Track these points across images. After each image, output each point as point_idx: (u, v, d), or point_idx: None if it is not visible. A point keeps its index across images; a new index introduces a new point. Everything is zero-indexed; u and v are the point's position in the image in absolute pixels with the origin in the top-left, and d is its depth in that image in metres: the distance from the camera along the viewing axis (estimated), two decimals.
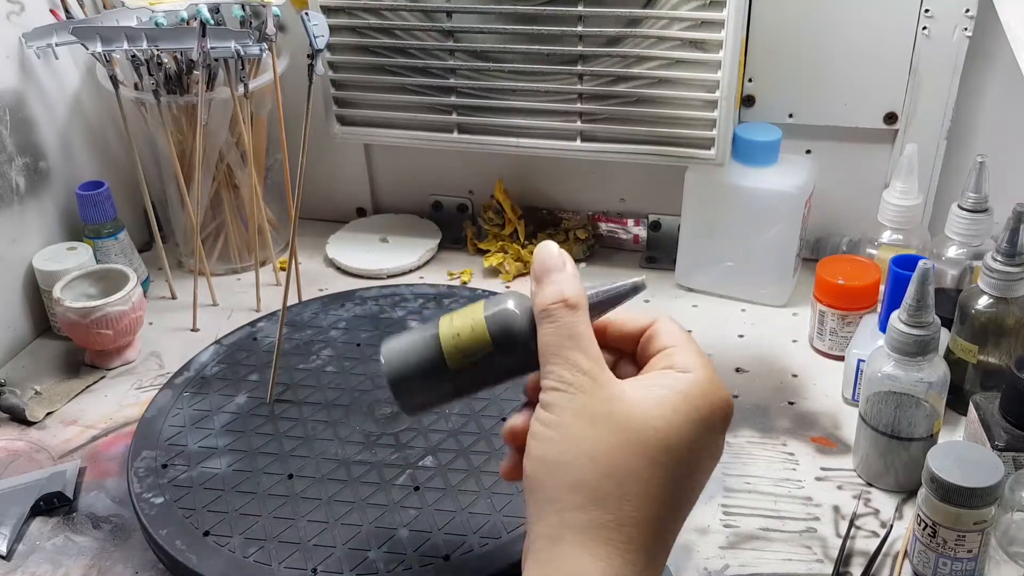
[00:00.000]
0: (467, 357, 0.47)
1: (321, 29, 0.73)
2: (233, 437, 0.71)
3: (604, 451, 0.42)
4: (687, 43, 0.82)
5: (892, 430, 0.66)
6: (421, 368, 0.48)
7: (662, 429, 0.43)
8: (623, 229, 1.01)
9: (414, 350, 0.48)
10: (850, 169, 0.91)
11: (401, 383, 0.48)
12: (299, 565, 0.60)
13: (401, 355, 0.48)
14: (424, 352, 0.48)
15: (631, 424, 0.43)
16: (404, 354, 0.48)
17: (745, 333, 0.87)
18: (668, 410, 0.43)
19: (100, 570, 0.64)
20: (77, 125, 0.94)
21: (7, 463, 0.74)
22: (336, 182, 1.06)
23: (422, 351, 0.48)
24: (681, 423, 0.43)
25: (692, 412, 0.44)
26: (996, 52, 0.83)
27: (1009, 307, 0.70)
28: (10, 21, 0.85)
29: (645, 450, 0.43)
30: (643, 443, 0.43)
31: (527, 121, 0.89)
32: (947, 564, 0.59)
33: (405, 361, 0.48)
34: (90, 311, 0.81)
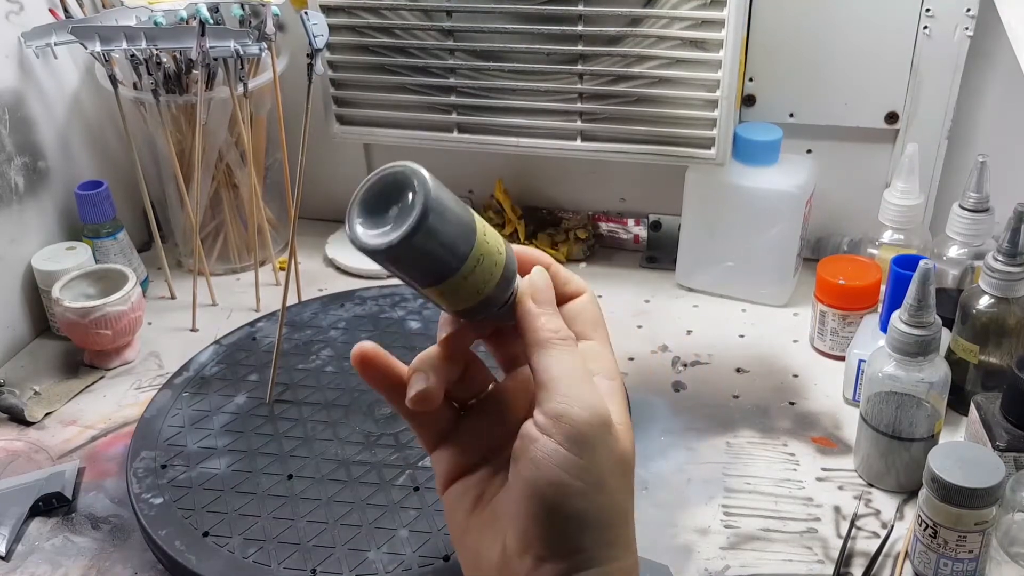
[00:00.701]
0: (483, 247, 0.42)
1: (320, 28, 0.72)
2: (232, 437, 0.71)
3: (626, 500, 0.43)
4: (687, 42, 0.82)
5: (893, 430, 0.66)
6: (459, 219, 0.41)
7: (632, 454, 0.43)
8: (623, 229, 1.01)
9: (456, 201, 0.41)
10: (851, 169, 0.91)
11: (434, 217, 0.39)
12: (298, 565, 0.60)
13: (445, 192, 0.40)
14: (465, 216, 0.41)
15: (630, 464, 0.43)
16: (448, 193, 0.41)
17: (746, 333, 0.87)
18: (629, 431, 0.43)
19: (99, 570, 0.64)
20: (76, 125, 0.94)
21: (6, 463, 0.74)
22: (336, 182, 1.06)
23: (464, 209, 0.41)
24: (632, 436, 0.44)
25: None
26: (997, 52, 0.83)
27: (1010, 307, 0.70)
28: (9, 21, 0.85)
29: (630, 480, 0.43)
30: (630, 474, 0.43)
31: (527, 121, 0.89)
32: (948, 565, 0.59)
33: (448, 197, 0.40)
34: (89, 311, 0.81)
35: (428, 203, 0.39)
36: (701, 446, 0.73)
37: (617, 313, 0.89)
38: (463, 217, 0.41)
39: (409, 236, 0.39)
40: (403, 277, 0.42)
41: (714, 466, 0.71)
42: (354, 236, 0.40)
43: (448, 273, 0.41)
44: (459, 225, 0.41)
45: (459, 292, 0.43)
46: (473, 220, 0.42)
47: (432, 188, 0.39)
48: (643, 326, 0.88)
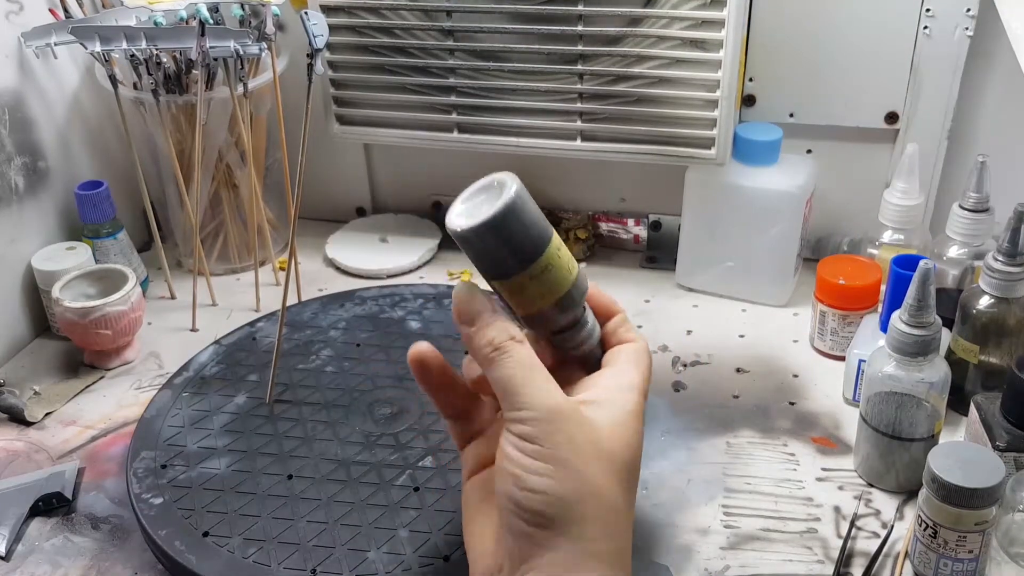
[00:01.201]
0: (553, 261, 0.48)
1: (320, 28, 0.72)
2: (232, 437, 0.71)
3: (604, 484, 0.46)
4: (687, 42, 0.82)
5: (893, 430, 0.66)
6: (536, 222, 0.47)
7: (631, 453, 0.47)
8: (623, 229, 1.01)
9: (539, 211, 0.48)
10: (851, 169, 0.91)
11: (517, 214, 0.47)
12: (298, 566, 0.60)
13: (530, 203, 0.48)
14: (544, 221, 0.48)
15: (615, 455, 0.47)
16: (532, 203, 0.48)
17: (746, 333, 0.87)
18: (630, 433, 0.48)
19: (99, 571, 0.64)
20: (76, 125, 0.94)
21: (6, 463, 0.74)
22: (336, 182, 1.06)
23: (543, 218, 0.48)
24: (638, 442, 0.48)
25: (640, 428, 0.48)
26: (997, 52, 0.83)
27: (1010, 307, 0.70)
28: (9, 21, 0.85)
29: (622, 475, 0.47)
30: (622, 470, 0.47)
31: (527, 121, 0.89)
32: (948, 565, 0.59)
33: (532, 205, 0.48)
34: (89, 311, 0.81)
35: (508, 204, 0.46)
36: (701, 446, 0.73)
37: None
38: (539, 226, 0.47)
39: (483, 226, 0.46)
40: (477, 264, 0.48)
41: (714, 466, 0.71)
42: (447, 220, 0.48)
43: (511, 271, 0.47)
44: (532, 229, 0.47)
45: (522, 294, 0.48)
46: (550, 234, 0.48)
47: (516, 194, 0.46)
48: (643, 326, 0.88)
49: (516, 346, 0.47)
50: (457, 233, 0.47)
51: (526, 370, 0.46)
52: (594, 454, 0.46)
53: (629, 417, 0.48)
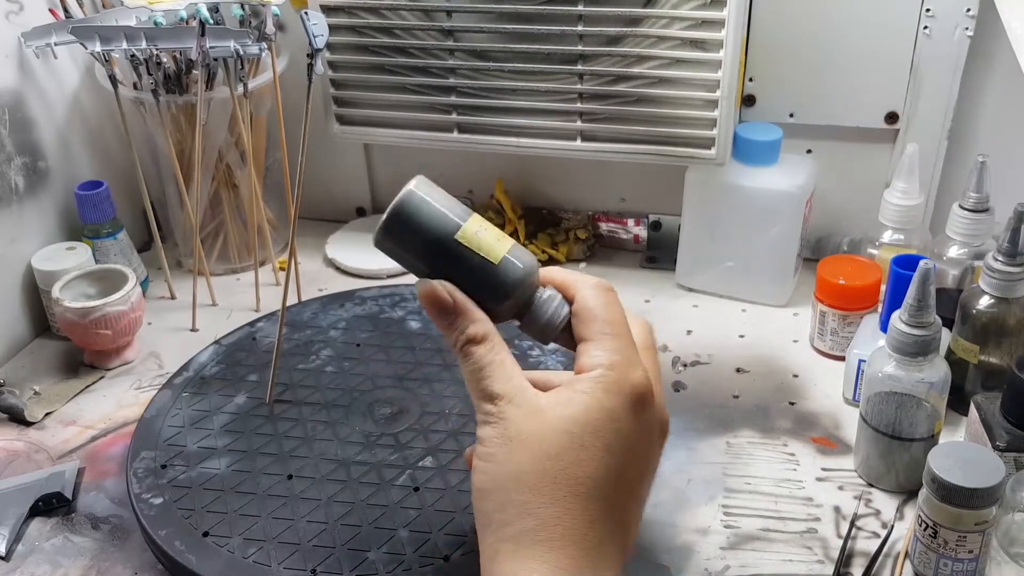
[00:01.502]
0: (470, 250, 0.51)
1: (320, 28, 0.72)
2: (232, 437, 0.71)
3: (528, 467, 0.47)
4: (687, 42, 0.82)
5: (893, 430, 0.66)
6: (436, 216, 0.51)
7: (575, 431, 0.47)
8: (623, 229, 1.01)
9: (442, 204, 0.52)
10: (851, 169, 0.91)
11: (411, 212, 0.51)
12: (298, 566, 0.60)
13: (430, 196, 0.52)
14: (448, 212, 0.52)
15: (546, 435, 0.47)
16: (432, 197, 0.52)
17: (746, 333, 0.87)
18: (579, 411, 0.48)
19: (99, 571, 0.64)
20: (76, 125, 0.94)
21: (6, 463, 0.74)
22: (336, 182, 1.06)
23: (447, 209, 0.52)
24: (592, 420, 0.48)
25: (602, 408, 0.48)
26: (997, 52, 0.83)
27: (1010, 307, 0.70)
28: (9, 21, 0.85)
29: (561, 453, 0.47)
30: (559, 448, 0.47)
31: (527, 121, 0.89)
32: (948, 565, 0.59)
33: (430, 199, 0.52)
34: (89, 311, 0.81)
35: (395, 206, 0.51)
36: (701, 446, 0.73)
37: None
38: (437, 224, 0.51)
39: (380, 231, 0.51)
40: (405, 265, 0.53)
41: (714, 466, 0.71)
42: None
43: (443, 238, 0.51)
44: (428, 227, 0.51)
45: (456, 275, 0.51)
46: (450, 229, 0.51)
47: (403, 196, 0.51)
48: None
49: (471, 348, 0.50)
50: (375, 242, 0.52)
51: (475, 372, 0.50)
52: (525, 440, 0.48)
53: (582, 396, 0.48)
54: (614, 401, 0.48)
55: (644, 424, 0.50)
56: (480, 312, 0.51)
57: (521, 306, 0.53)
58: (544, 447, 0.47)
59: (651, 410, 0.50)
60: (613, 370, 0.49)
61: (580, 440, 0.47)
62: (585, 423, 0.48)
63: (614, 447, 0.48)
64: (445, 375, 0.76)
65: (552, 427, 0.48)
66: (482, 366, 0.50)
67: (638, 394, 0.49)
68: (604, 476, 0.47)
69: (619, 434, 0.48)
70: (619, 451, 0.48)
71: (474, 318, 0.51)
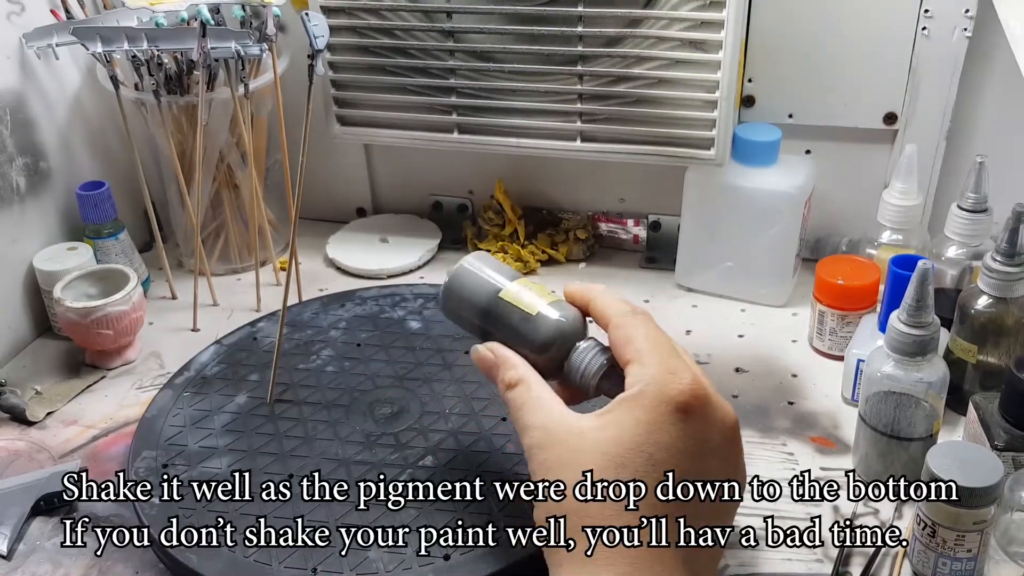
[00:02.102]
0: (511, 305, 0.58)
1: (321, 29, 0.73)
2: (233, 437, 0.71)
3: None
4: (687, 43, 0.82)
5: (891, 430, 0.66)
6: (481, 280, 0.60)
7: (612, 451, 0.48)
8: (623, 229, 1.01)
9: (491, 270, 0.60)
10: (850, 169, 0.92)
11: (464, 278, 0.60)
12: (299, 565, 0.60)
13: (481, 265, 0.60)
14: (495, 277, 0.60)
15: (583, 458, 0.49)
16: (483, 266, 0.60)
17: (745, 333, 0.87)
18: (616, 432, 0.49)
19: (100, 570, 0.64)
20: (77, 125, 0.94)
21: (7, 463, 0.74)
22: (336, 182, 1.06)
23: (494, 274, 0.60)
24: (629, 438, 0.49)
25: (639, 423, 0.49)
26: (996, 52, 0.83)
27: (1008, 307, 0.70)
28: (10, 21, 0.85)
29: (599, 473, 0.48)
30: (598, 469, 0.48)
31: (527, 121, 0.89)
32: (947, 564, 0.59)
33: (480, 268, 0.60)
34: (90, 311, 0.81)
35: (450, 280, 0.60)
36: None
37: None
38: (483, 287, 0.59)
39: (440, 300, 0.61)
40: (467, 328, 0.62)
41: None
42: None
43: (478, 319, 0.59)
44: (476, 291, 0.59)
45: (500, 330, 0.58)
46: (496, 287, 0.59)
47: (455, 270, 0.60)
48: None
49: (509, 395, 0.55)
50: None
51: (516, 412, 0.54)
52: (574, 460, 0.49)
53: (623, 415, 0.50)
54: (652, 415, 0.49)
55: (692, 429, 0.49)
56: (518, 358, 0.56)
57: (562, 358, 0.57)
58: (583, 469, 0.48)
59: (702, 414, 0.50)
60: (652, 384, 0.50)
61: (619, 459, 0.48)
62: (622, 442, 0.48)
63: (658, 459, 0.48)
64: (445, 375, 0.77)
65: (590, 448, 0.49)
66: (519, 405, 0.53)
67: (681, 402, 0.49)
68: (662, 486, 0.48)
69: (662, 445, 0.48)
70: (665, 461, 0.48)
71: (511, 365, 0.55)
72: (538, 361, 0.56)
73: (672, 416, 0.49)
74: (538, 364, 0.56)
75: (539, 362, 0.56)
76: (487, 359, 0.57)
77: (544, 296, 0.58)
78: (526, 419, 0.52)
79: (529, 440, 0.51)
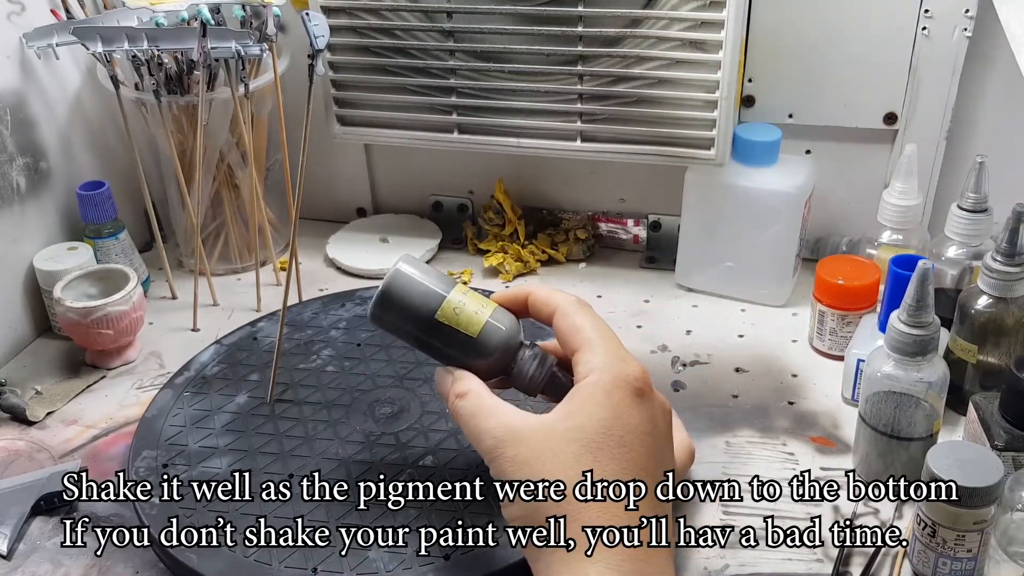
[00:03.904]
0: (450, 326, 0.58)
1: (321, 29, 0.73)
2: (233, 437, 0.71)
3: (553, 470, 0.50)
4: (687, 43, 0.82)
5: (892, 430, 0.66)
6: (416, 298, 0.58)
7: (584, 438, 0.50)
8: (623, 229, 1.01)
9: (422, 286, 0.58)
10: (850, 169, 0.92)
11: (394, 298, 0.58)
12: (300, 564, 0.60)
13: (411, 280, 0.58)
14: (428, 294, 0.58)
15: (558, 449, 0.50)
16: (413, 282, 0.58)
17: (745, 333, 0.87)
18: (585, 419, 0.50)
19: (101, 569, 0.64)
20: (78, 125, 0.94)
21: (7, 463, 0.74)
22: (336, 182, 1.06)
23: (427, 291, 0.58)
24: (599, 422, 0.50)
25: (605, 408, 0.51)
26: (996, 52, 0.83)
27: (1008, 307, 0.70)
28: (11, 21, 0.85)
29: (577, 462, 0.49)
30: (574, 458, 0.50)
31: (527, 121, 0.89)
32: (947, 564, 0.59)
33: (410, 285, 0.58)
34: (90, 311, 0.81)
35: (386, 289, 0.58)
36: (700, 445, 0.73)
37: (616, 313, 0.90)
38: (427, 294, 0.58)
39: (377, 306, 0.59)
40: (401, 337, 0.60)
41: (714, 465, 0.71)
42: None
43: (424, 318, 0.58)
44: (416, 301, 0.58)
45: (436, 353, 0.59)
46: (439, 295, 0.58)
47: (392, 277, 0.58)
48: (643, 326, 0.88)
49: (457, 403, 0.55)
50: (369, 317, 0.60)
51: (467, 420, 0.54)
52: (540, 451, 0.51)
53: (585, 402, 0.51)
54: (615, 398, 0.50)
55: (649, 412, 0.52)
56: (464, 372, 0.57)
57: (502, 365, 0.59)
58: (561, 460, 0.49)
59: (651, 399, 0.52)
60: (607, 370, 0.51)
61: (594, 444, 0.49)
62: (593, 428, 0.50)
63: (627, 441, 0.50)
64: None
65: (563, 439, 0.50)
66: (472, 412, 0.54)
67: (636, 387, 0.51)
68: (624, 471, 0.49)
69: (629, 428, 0.50)
70: (633, 443, 0.50)
71: (457, 377, 0.57)
72: (479, 368, 0.58)
73: (631, 399, 0.51)
74: (479, 371, 0.58)
75: (480, 369, 0.58)
76: (443, 381, 0.58)
77: (482, 309, 0.58)
78: (482, 424, 0.53)
79: (491, 441, 0.52)
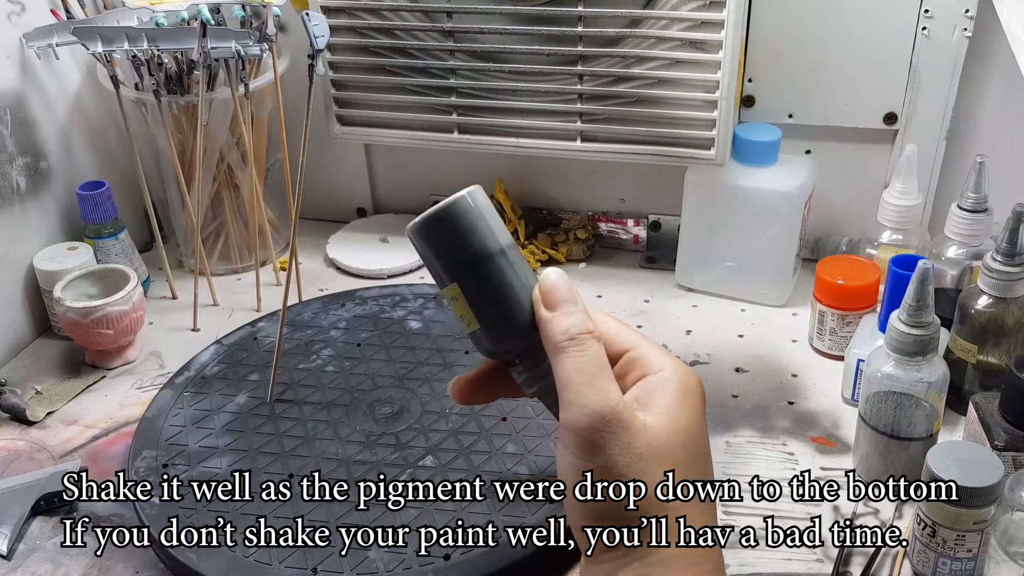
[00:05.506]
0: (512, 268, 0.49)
1: (321, 29, 0.73)
2: (233, 437, 0.71)
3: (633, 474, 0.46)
4: (687, 43, 0.82)
5: (892, 430, 0.66)
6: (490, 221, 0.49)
7: (687, 445, 0.47)
8: (623, 229, 1.01)
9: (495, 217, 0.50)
10: (850, 169, 0.92)
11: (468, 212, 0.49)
12: (299, 564, 0.60)
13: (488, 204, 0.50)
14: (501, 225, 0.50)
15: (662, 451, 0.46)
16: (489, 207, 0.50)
17: (745, 333, 0.87)
18: (684, 425, 0.47)
19: (101, 569, 0.64)
20: (78, 125, 0.94)
21: (8, 463, 0.74)
22: (336, 182, 1.06)
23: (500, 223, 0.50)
24: (692, 429, 0.48)
25: (694, 414, 0.48)
26: (996, 52, 0.83)
27: (1008, 307, 0.70)
28: (11, 21, 0.85)
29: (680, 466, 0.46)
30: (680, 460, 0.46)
31: (527, 121, 0.89)
32: (947, 564, 0.59)
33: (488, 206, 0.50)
34: (91, 311, 0.81)
35: (441, 209, 0.49)
36: None
37: (617, 313, 0.90)
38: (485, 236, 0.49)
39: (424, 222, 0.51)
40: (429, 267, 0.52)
41: (714, 465, 0.71)
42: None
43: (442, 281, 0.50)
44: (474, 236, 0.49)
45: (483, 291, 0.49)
46: (497, 242, 0.49)
47: (454, 202, 0.49)
48: (643, 326, 0.88)
49: (590, 341, 0.46)
50: (409, 230, 0.52)
51: (594, 366, 0.46)
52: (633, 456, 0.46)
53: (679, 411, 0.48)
54: (693, 399, 0.48)
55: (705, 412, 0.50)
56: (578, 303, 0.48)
57: (527, 347, 0.49)
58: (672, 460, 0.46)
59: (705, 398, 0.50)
60: (680, 370, 0.49)
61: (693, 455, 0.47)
62: (693, 431, 0.48)
63: (706, 446, 0.49)
64: (445, 374, 0.77)
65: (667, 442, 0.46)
66: (603, 362, 0.46)
67: (702, 389, 0.49)
68: (706, 472, 0.49)
69: (702, 428, 0.49)
70: (703, 443, 0.49)
71: (570, 307, 0.47)
72: (510, 341, 0.49)
73: (702, 400, 0.49)
74: (508, 345, 0.50)
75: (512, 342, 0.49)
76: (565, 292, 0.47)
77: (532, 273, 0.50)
78: (607, 386, 0.45)
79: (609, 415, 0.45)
